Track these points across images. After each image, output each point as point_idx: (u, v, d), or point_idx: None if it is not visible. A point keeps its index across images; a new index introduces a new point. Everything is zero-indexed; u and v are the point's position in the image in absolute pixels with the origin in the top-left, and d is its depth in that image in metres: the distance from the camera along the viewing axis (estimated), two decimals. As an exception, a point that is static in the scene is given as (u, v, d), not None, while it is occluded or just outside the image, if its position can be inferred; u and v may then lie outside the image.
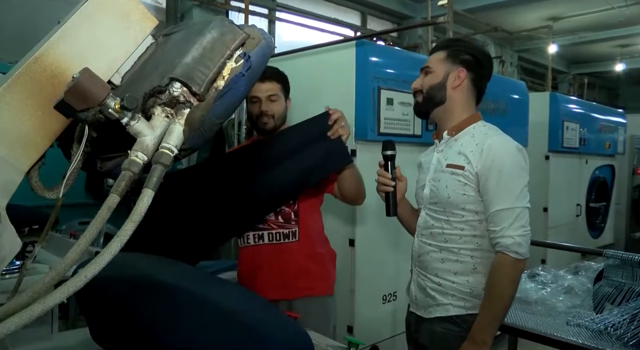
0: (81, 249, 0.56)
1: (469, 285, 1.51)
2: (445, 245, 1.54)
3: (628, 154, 5.70)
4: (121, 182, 0.63)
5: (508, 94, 3.24)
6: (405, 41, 7.59)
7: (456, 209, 1.51)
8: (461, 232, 1.51)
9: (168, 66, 0.69)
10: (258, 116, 1.87)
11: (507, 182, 1.44)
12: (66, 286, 0.51)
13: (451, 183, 1.51)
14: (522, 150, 1.50)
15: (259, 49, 0.76)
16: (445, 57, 1.58)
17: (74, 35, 0.72)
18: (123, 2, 0.76)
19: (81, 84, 0.65)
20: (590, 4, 7.33)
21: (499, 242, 1.43)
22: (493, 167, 1.44)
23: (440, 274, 1.55)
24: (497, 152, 1.45)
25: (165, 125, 0.69)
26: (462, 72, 1.56)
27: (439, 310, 1.54)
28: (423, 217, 1.62)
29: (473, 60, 1.57)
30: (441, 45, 1.65)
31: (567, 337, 1.64)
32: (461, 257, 1.52)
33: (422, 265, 1.60)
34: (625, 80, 12.40)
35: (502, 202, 1.43)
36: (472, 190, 1.48)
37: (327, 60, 2.58)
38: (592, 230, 4.82)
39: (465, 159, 1.50)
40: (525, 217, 1.44)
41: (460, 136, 1.56)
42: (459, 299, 1.52)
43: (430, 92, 1.58)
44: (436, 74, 1.58)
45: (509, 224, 1.42)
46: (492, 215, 1.45)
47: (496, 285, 1.44)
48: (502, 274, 1.43)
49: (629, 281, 1.78)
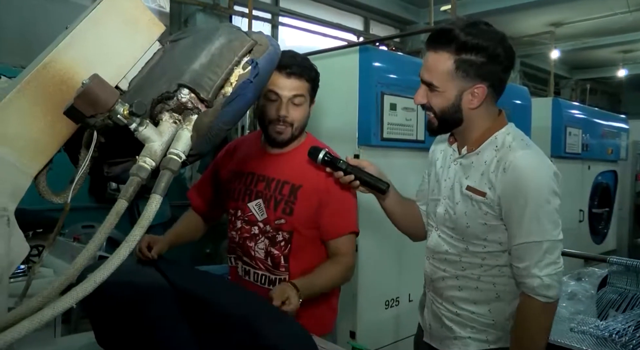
0: (90, 254, 0.56)
1: (490, 316, 1.31)
2: (462, 273, 1.33)
3: (631, 160, 5.68)
4: (129, 188, 0.64)
5: (511, 99, 3.24)
6: (408, 46, 7.61)
7: (476, 239, 1.29)
8: (482, 261, 1.31)
9: (176, 72, 0.70)
10: (273, 121, 1.50)
11: (533, 210, 1.19)
12: (76, 291, 0.52)
13: (470, 210, 1.28)
14: (552, 167, 1.24)
15: (267, 56, 0.77)
16: (454, 71, 1.22)
17: (83, 41, 0.72)
18: (131, 8, 0.77)
19: (91, 89, 0.65)
20: (592, 9, 7.34)
21: (524, 282, 1.21)
22: (516, 192, 1.20)
23: (457, 302, 1.35)
24: (521, 172, 1.20)
25: (173, 131, 0.69)
26: (480, 89, 1.23)
27: (457, 344, 1.36)
28: (435, 239, 1.40)
29: (491, 65, 1.21)
30: (442, 41, 1.24)
31: (571, 343, 1.64)
32: (482, 285, 1.31)
33: (437, 291, 1.41)
34: (627, 86, 12.39)
35: (527, 234, 1.20)
36: (495, 219, 1.25)
37: (330, 65, 2.59)
38: (595, 235, 4.80)
39: (487, 183, 1.25)
40: (556, 252, 1.20)
41: (483, 149, 1.30)
42: (480, 332, 1.33)
43: (443, 116, 1.29)
44: (446, 96, 1.26)
45: (536, 262, 1.19)
46: (515, 250, 1.22)
47: (525, 336, 1.22)
48: (531, 321, 1.21)
49: (634, 288, 1.77)
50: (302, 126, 1.56)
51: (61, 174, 0.92)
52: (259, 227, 1.57)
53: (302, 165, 1.52)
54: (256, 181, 1.59)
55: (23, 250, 0.71)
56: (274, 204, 1.54)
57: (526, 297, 1.22)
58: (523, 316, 1.23)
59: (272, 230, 1.55)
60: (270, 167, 1.58)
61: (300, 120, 1.53)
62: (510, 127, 1.33)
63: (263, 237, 1.56)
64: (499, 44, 1.22)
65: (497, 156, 1.26)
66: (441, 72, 1.23)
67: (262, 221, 1.56)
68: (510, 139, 1.28)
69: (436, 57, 1.25)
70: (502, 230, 1.26)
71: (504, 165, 1.23)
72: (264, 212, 1.56)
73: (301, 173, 1.53)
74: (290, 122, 1.50)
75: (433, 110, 1.30)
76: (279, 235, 1.54)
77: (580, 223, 4.54)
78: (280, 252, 1.54)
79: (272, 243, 1.56)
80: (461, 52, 1.21)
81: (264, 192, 1.56)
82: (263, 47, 0.77)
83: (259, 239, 1.57)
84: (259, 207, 1.57)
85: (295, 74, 1.48)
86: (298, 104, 1.50)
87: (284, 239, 1.54)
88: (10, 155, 0.69)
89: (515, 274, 1.25)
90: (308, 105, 1.56)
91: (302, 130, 1.59)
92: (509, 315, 1.31)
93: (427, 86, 1.29)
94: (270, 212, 1.55)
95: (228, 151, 1.77)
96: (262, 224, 1.56)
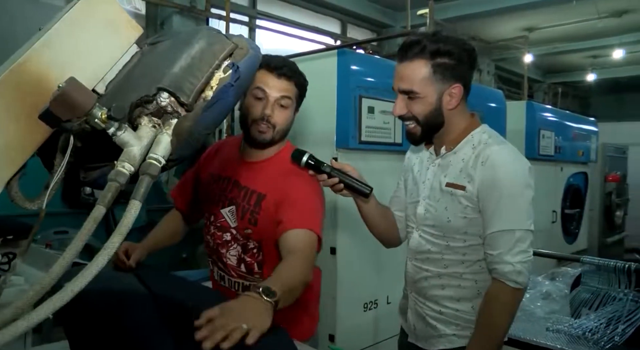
0: (67, 262, 0.54)
1: (473, 312, 1.35)
2: (445, 271, 1.37)
3: (600, 162, 5.85)
4: (107, 193, 0.62)
5: (486, 102, 3.30)
6: (384, 50, 7.67)
7: (457, 233, 1.34)
8: (463, 257, 1.35)
9: (155, 76, 0.68)
10: (256, 120, 1.44)
11: (507, 200, 1.26)
12: (52, 301, 0.50)
13: (451, 205, 1.33)
14: (526, 162, 1.32)
15: (248, 59, 0.76)
16: (432, 74, 1.29)
17: (58, 42, 0.70)
18: (108, 10, 0.75)
19: (67, 93, 0.63)
20: (564, 15, 7.55)
21: (495, 269, 1.27)
22: (492, 183, 1.27)
23: (440, 301, 1.39)
24: (496, 165, 1.27)
25: (152, 135, 0.68)
26: (456, 88, 1.31)
27: (443, 341, 1.39)
28: (416, 239, 1.43)
29: (461, 66, 1.31)
30: (414, 51, 1.29)
31: (547, 342, 1.67)
32: (464, 282, 1.36)
33: (420, 292, 1.44)
34: (596, 90, 12.78)
35: (501, 223, 1.26)
36: (474, 212, 1.31)
37: (308, 68, 2.56)
38: (567, 236, 4.91)
39: (467, 177, 1.31)
40: (527, 241, 1.27)
41: (460, 148, 1.36)
42: (464, 328, 1.36)
43: (427, 122, 1.33)
44: (427, 100, 1.30)
45: (508, 249, 1.25)
46: (489, 238, 1.28)
47: (490, 317, 1.28)
48: (499, 305, 1.27)
49: (605, 286, 1.82)
50: (284, 131, 1.50)
51: (34, 179, 0.89)
52: (231, 233, 1.53)
53: (272, 176, 1.49)
54: (231, 187, 1.55)
55: None
56: (241, 213, 1.50)
57: (497, 282, 1.27)
58: (491, 299, 1.28)
59: (242, 238, 1.51)
60: (244, 174, 1.54)
61: (282, 124, 1.48)
62: (485, 127, 1.40)
63: (235, 244, 1.53)
64: (463, 48, 1.32)
65: (474, 153, 1.32)
66: (420, 78, 1.29)
67: (234, 228, 1.52)
68: (486, 137, 1.35)
69: (412, 66, 1.30)
70: (481, 223, 1.31)
71: (482, 159, 1.29)
72: (236, 219, 1.52)
73: (269, 183, 1.48)
74: (274, 124, 1.45)
75: (415, 119, 1.34)
76: (250, 243, 1.51)
77: (553, 224, 4.64)
78: (254, 260, 1.51)
79: (244, 250, 1.52)
80: (435, 57, 1.29)
81: (236, 200, 1.52)
82: (244, 50, 0.76)
83: (231, 246, 1.53)
84: (232, 213, 1.52)
85: (286, 75, 1.45)
86: (284, 106, 1.46)
87: (255, 247, 1.50)
88: None
89: (488, 261, 1.30)
90: (293, 110, 1.51)
91: (284, 136, 1.53)
92: (476, 315, 1.34)
93: (406, 95, 1.32)
94: (239, 221, 1.51)
95: (210, 154, 1.73)
96: (234, 230, 1.52)
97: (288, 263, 1.23)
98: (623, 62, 10.14)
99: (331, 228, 2.45)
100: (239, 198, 1.52)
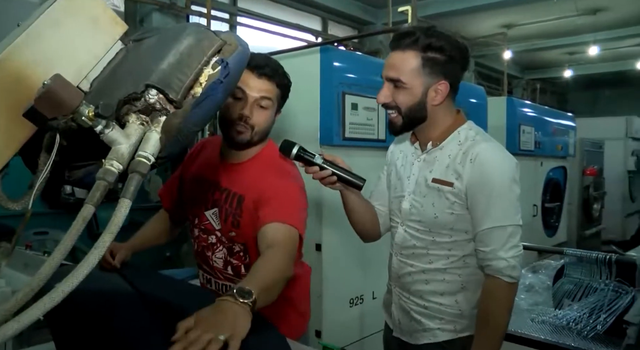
0: (56, 263, 0.53)
1: (457, 306, 1.37)
2: (429, 266, 1.38)
3: (578, 156, 5.97)
4: (96, 192, 0.61)
5: (468, 98, 3.34)
6: (366, 47, 7.70)
7: (444, 228, 1.35)
8: (448, 252, 1.36)
9: (143, 73, 0.67)
10: (234, 120, 1.39)
11: (497, 197, 1.27)
12: (43, 302, 0.49)
13: (438, 201, 1.33)
14: (513, 158, 1.34)
15: (236, 55, 0.75)
16: (421, 67, 1.29)
17: (40, 39, 0.68)
18: (91, 6, 0.74)
19: (53, 90, 0.62)
20: (542, 12, 7.67)
21: (490, 265, 1.28)
22: (482, 180, 1.28)
23: (425, 296, 1.40)
24: (486, 163, 1.28)
25: (140, 133, 0.67)
26: (443, 85, 1.31)
27: (427, 335, 1.40)
28: (401, 234, 1.43)
29: (452, 64, 1.31)
30: (407, 41, 1.30)
31: (531, 333, 1.70)
32: (448, 277, 1.37)
33: (404, 286, 1.45)
34: (573, 86, 13.03)
35: (493, 220, 1.27)
36: (461, 208, 1.32)
37: (291, 65, 2.55)
38: (547, 229, 5.00)
39: (454, 173, 1.32)
40: (517, 235, 1.29)
41: (446, 144, 1.37)
42: (448, 322, 1.38)
43: (410, 114, 1.33)
44: (413, 92, 1.31)
45: (501, 245, 1.26)
46: (481, 235, 1.29)
47: (492, 314, 1.28)
48: (497, 300, 1.28)
49: (587, 277, 1.86)
50: (263, 132, 1.44)
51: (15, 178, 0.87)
52: (216, 236, 1.49)
53: (252, 176, 1.44)
54: (213, 189, 1.50)
55: None
56: (224, 216, 1.46)
57: (492, 278, 1.29)
58: (490, 296, 1.29)
59: (227, 241, 1.47)
60: (225, 176, 1.49)
61: (262, 125, 1.41)
62: (471, 123, 1.41)
63: (221, 247, 1.49)
64: (455, 46, 1.32)
65: (462, 149, 1.33)
66: (409, 69, 1.30)
67: (218, 230, 1.49)
68: (473, 134, 1.36)
69: (403, 56, 1.31)
70: (468, 219, 1.32)
71: (470, 156, 1.30)
72: (219, 222, 1.48)
73: (249, 184, 1.43)
74: (252, 125, 1.39)
75: (398, 108, 1.34)
76: (236, 247, 1.47)
77: (534, 217, 4.72)
78: (241, 262, 1.47)
79: (230, 253, 1.48)
80: (427, 51, 1.29)
81: (219, 202, 1.48)
82: (232, 46, 0.75)
83: (217, 249, 1.50)
84: (216, 216, 1.49)
85: (267, 75, 1.39)
86: (264, 106, 1.40)
87: (241, 250, 1.46)
88: None
89: (481, 258, 1.31)
90: (274, 112, 1.45)
91: (263, 138, 1.47)
92: (474, 304, 1.36)
93: (392, 83, 1.32)
94: (222, 224, 1.47)
95: (192, 153, 1.69)
96: (219, 233, 1.49)
97: (265, 259, 1.15)
98: (598, 59, 10.35)
99: (316, 224, 2.45)
100: (221, 201, 1.48)
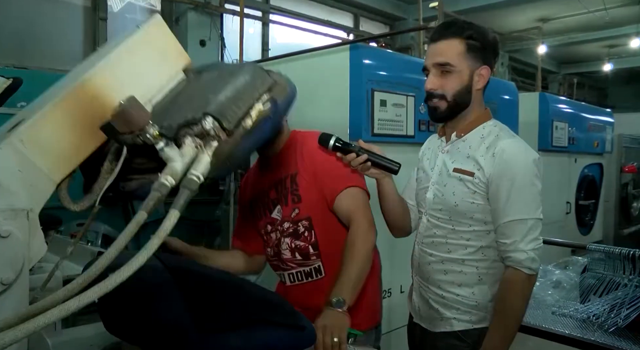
0: (111, 257, 0.64)
1: (474, 298, 1.41)
2: (448, 256, 1.43)
3: (616, 153, 5.80)
4: (150, 201, 0.70)
5: (499, 94, 3.32)
6: (397, 43, 7.67)
7: (463, 218, 1.40)
8: (467, 242, 1.41)
9: (202, 101, 0.76)
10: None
11: (519, 191, 1.32)
12: (99, 287, 0.59)
13: (459, 190, 1.39)
14: (536, 155, 1.39)
15: (286, 97, 0.84)
16: (466, 51, 1.37)
17: (117, 65, 0.80)
18: (163, 40, 0.86)
19: (128, 110, 0.73)
20: (578, 5, 7.45)
21: (510, 257, 1.32)
22: (505, 174, 1.33)
23: (443, 286, 1.45)
24: (509, 157, 1.33)
25: (193, 154, 0.75)
26: (485, 70, 1.39)
27: (444, 324, 1.46)
28: (424, 223, 1.50)
29: (488, 51, 1.40)
30: (451, 30, 1.39)
31: (550, 327, 1.70)
32: (465, 268, 1.41)
33: (424, 276, 1.50)
34: (613, 80, 12.58)
35: (514, 212, 1.32)
36: (482, 199, 1.37)
37: (321, 63, 2.64)
38: (582, 227, 4.91)
39: (475, 164, 1.37)
40: (538, 229, 1.34)
41: (469, 137, 1.43)
42: (464, 313, 1.43)
43: (457, 98, 1.39)
44: (461, 75, 1.37)
45: (522, 237, 1.31)
46: (502, 227, 1.34)
47: (509, 303, 1.33)
48: (515, 291, 1.32)
49: (610, 273, 1.86)
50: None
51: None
52: (278, 230, 1.63)
53: (292, 157, 1.60)
54: (267, 193, 1.66)
55: (42, 249, 0.78)
56: (284, 200, 1.61)
57: (512, 269, 1.33)
58: (508, 286, 1.34)
59: (292, 224, 1.60)
60: (269, 175, 1.66)
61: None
62: (496, 121, 1.47)
63: (287, 236, 1.61)
64: (490, 37, 1.42)
65: (484, 143, 1.39)
66: (456, 53, 1.37)
67: (281, 220, 1.62)
68: (497, 130, 1.42)
69: (448, 43, 1.38)
70: (487, 210, 1.37)
71: (493, 150, 1.36)
72: (282, 212, 1.62)
73: (294, 163, 1.59)
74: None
75: (442, 96, 1.39)
76: (300, 227, 1.59)
77: (567, 215, 4.64)
78: (307, 243, 1.58)
79: (296, 237, 1.60)
80: (470, 38, 1.38)
81: (277, 197, 1.63)
82: (281, 86, 0.84)
83: (282, 241, 1.62)
84: (279, 211, 1.63)
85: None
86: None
87: (306, 228, 1.58)
88: (41, 162, 0.76)
89: (502, 250, 1.35)
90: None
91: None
92: (491, 297, 1.41)
93: (440, 68, 1.38)
94: (284, 209, 1.61)
95: (242, 188, 1.86)
96: (283, 222, 1.61)
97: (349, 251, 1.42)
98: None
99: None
100: (277, 192, 1.63)
